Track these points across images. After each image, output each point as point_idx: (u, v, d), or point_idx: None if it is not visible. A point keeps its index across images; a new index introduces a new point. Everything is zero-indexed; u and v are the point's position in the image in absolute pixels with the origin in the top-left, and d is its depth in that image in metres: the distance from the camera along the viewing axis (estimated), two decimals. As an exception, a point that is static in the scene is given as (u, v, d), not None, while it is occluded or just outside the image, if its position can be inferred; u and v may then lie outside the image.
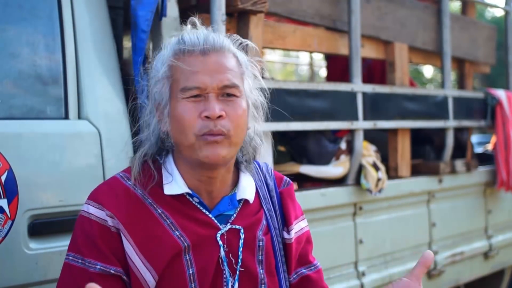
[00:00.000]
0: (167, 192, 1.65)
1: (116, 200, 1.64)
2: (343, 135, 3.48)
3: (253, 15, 2.86)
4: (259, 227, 1.72)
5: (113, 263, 1.61)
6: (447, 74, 4.20)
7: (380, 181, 3.41)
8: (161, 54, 1.68)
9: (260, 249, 1.70)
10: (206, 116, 1.57)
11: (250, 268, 1.68)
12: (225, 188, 1.71)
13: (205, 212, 1.67)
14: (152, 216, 1.64)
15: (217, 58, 1.61)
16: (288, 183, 1.85)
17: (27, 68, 2.23)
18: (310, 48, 3.53)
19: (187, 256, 1.62)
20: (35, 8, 2.29)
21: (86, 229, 1.64)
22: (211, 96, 1.58)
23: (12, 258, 2.05)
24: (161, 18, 2.55)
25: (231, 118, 1.59)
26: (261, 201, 1.77)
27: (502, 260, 4.66)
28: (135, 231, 1.62)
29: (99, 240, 1.61)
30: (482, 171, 4.51)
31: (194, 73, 1.58)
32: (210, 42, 1.61)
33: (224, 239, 1.66)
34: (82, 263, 1.61)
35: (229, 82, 1.60)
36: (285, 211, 1.80)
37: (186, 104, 1.59)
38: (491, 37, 4.83)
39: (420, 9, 4.08)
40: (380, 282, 3.52)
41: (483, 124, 4.56)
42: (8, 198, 2.02)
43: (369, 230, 3.48)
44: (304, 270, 1.82)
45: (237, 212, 1.71)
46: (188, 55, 1.60)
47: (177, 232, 1.63)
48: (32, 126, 2.18)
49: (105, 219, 1.62)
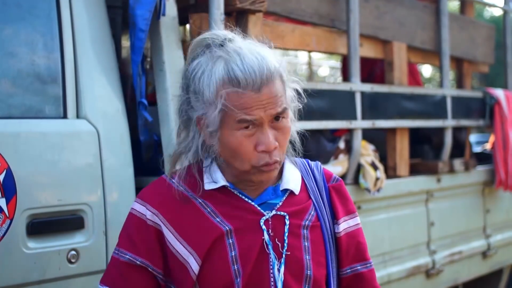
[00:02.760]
0: (207, 187, 1.70)
1: (160, 197, 1.72)
2: (342, 135, 3.48)
3: (252, 14, 2.86)
4: (306, 216, 1.74)
5: (141, 255, 1.68)
6: (446, 74, 4.20)
7: (379, 180, 3.42)
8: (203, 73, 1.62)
9: (305, 236, 1.72)
10: (263, 150, 1.61)
11: (296, 253, 1.70)
12: (269, 182, 1.74)
13: (247, 201, 1.71)
14: (194, 205, 1.69)
15: (270, 90, 1.59)
16: (337, 179, 1.87)
17: (26, 67, 2.23)
18: (308, 47, 3.53)
19: (230, 240, 1.66)
20: (34, 7, 2.29)
21: (127, 223, 1.74)
22: (265, 126, 1.61)
23: (11, 257, 2.05)
24: (159, 17, 2.54)
25: (281, 145, 1.65)
26: (309, 193, 1.79)
27: (501, 260, 4.67)
28: (176, 220, 1.68)
29: (133, 232, 1.70)
30: (481, 171, 4.52)
31: (249, 107, 1.58)
32: (264, 79, 1.58)
33: (268, 224, 1.69)
34: (117, 253, 1.72)
35: (280, 109, 1.62)
36: (334, 206, 1.82)
37: (240, 138, 1.60)
38: (490, 36, 4.83)
39: (419, 9, 4.09)
40: (378, 281, 3.48)
41: (481, 124, 4.56)
42: (6, 197, 2.02)
43: (368, 229, 3.46)
44: (360, 267, 1.87)
45: (283, 201, 1.73)
46: (242, 93, 1.57)
47: (217, 219, 1.68)
48: (30, 125, 2.18)
49: (143, 213, 1.70)
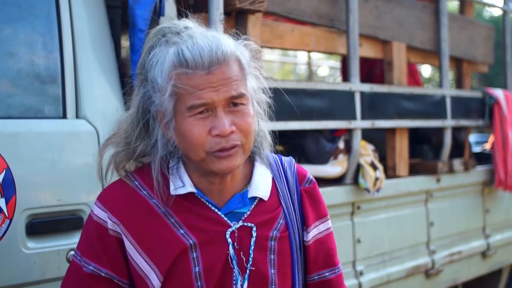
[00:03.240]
0: (173, 193, 1.63)
1: (119, 201, 1.64)
2: (341, 135, 3.48)
3: (251, 15, 2.86)
4: (274, 225, 1.67)
5: (105, 266, 1.62)
6: (445, 74, 4.20)
7: (378, 180, 3.42)
8: (157, 61, 1.59)
9: (272, 248, 1.65)
10: (217, 134, 1.54)
11: (261, 267, 1.63)
12: (236, 185, 1.67)
13: (214, 210, 1.63)
14: (157, 215, 1.62)
15: (222, 72, 1.54)
16: (310, 181, 1.79)
17: (25, 67, 2.23)
18: (308, 47, 3.53)
19: (194, 254, 1.60)
20: (33, 7, 2.28)
21: (87, 229, 1.67)
22: (219, 110, 1.54)
23: (10, 257, 2.05)
24: (159, 17, 2.54)
25: (241, 129, 1.56)
26: (279, 198, 1.71)
27: (500, 260, 4.67)
28: (138, 232, 1.61)
29: (96, 241, 1.63)
30: (480, 171, 4.52)
31: (200, 90, 1.53)
32: (214, 59, 1.54)
33: (234, 237, 1.62)
34: (79, 261, 1.65)
35: (236, 93, 1.56)
36: (304, 212, 1.73)
37: (193, 122, 1.54)
38: (489, 36, 4.83)
39: (418, 9, 4.09)
40: (378, 281, 3.52)
41: (481, 124, 4.57)
42: (6, 198, 2.02)
43: (367, 229, 3.48)
44: (328, 273, 1.76)
45: (251, 210, 1.66)
46: (192, 75, 1.53)
47: (181, 231, 1.60)
48: (30, 125, 2.18)
49: (105, 220, 1.63)
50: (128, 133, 1.67)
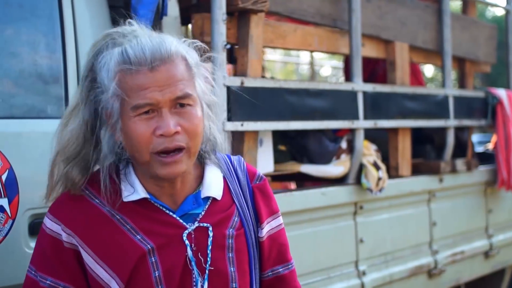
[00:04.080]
0: (125, 199, 1.62)
1: (72, 212, 1.62)
2: (344, 134, 3.48)
3: (254, 14, 2.86)
4: (230, 223, 1.68)
5: (63, 279, 1.59)
6: (448, 74, 4.20)
7: (381, 180, 3.41)
8: (105, 63, 1.58)
9: (230, 246, 1.66)
10: (161, 134, 1.53)
11: (220, 266, 1.64)
12: (188, 187, 1.67)
13: (168, 213, 1.63)
14: (111, 223, 1.60)
15: (167, 70, 1.53)
16: (261, 178, 1.79)
17: (28, 67, 2.24)
18: (310, 47, 3.54)
19: (152, 258, 1.59)
20: (36, 7, 2.29)
21: (41, 242, 1.64)
22: (164, 111, 1.53)
23: (13, 257, 2.05)
24: (161, 17, 2.55)
25: (188, 131, 1.55)
26: (232, 196, 1.72)
27: (503, 260, 4.67)
28: (94, 241, 1.60)
29: (51, 254, 1.60)
30: (483, 171, 4.51)
31: (144, 89, 1.52)
32: (157, 56, 1.53)
33: (191, 238, 1.62)
34: (35, 275, 1.61)
35: (181, 93, 1.54)
36: (257, 208, 1.74)
37: (138, 122, 1.53)
38: (492, 36, 4.83)
39: (421, 8, 4.08)
40: (380, 281, 3.52)
41: (483, 124, 4.56)
42: (8, 197, 2.03)
43: (370, 229, 3.48)
44: (281, 269, 1.78)
45: (206, 210, 1.66)
46: (135, 73, 1.53)
47: (138, 236, 1.59)
48: (32, 125, 2.18)
49: (59, 233, 1.61)
50: (79, 143, 1.63)
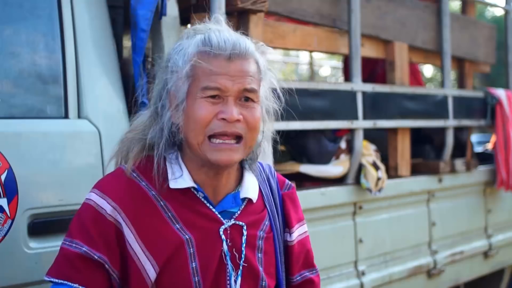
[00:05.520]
0: (172, 186, 1.67)
1: (120, 190, 1.66)
2: (343, 135, 3.48)
3: (253, 14, 2.86)
4: (261, 226, 1.75)
5: (99, 250, 1.62)
6: (447, 74, 4.20)
7: (380, 180, 3.42)
8: (181, 49, 1.66)
9: (259, 247, 1.73)
10: (223, 118, 1.60)
11: (252, 264, 1.70)
12: (230, 185, 1.74)
13: (209, 207, 1.69)
14: (155, 208, 1.66)
15: (241, 64, 1.62)
16: (290, 186, 1.89)
17: (27, 67, 2.24)
18: (310, 47, 3.54)
19: (190, 249, 1.64)
20: (35, 7, 2.29)
21: (82, 214, 1.67)
22: (230, 99, 1.61)
23: (12, 257, 2.05)
24: (160, 17, 2.55)
25: (248, 122, 1.63)
26: (264, 201, 1.79)
27: (502, 260, 4.67)
28: (137, 221, 1.64)
29: (90, 224, 1.64)
30: (482, 171, 4.51)
31: (217, 75, 1.60)
32: (237, 48, 1.62)
33: (227, 234, 1.69)
34: (69, 244, 1.64)
35: (249, 87, 1.63)
36: (287, 214, 1.83)
37: (203, 103, 1.61)
38: (491, 36, 4.83)
39: (420, 9, 4.09)
40: (380, 281, 3.52)
41: (483, 124, 4.56)
42: (8, 198, 2.03)
43: (369, 229, 3.48)
44: (308, 273, 1.87)
45: (241, 210, 1.73)
46: (213, 58, 1.61)
47: (177, 225, 1.65)
48: (32, 125, 2.18)
49: (104, 207, 1.64)
50: (146, 124, 1.73)
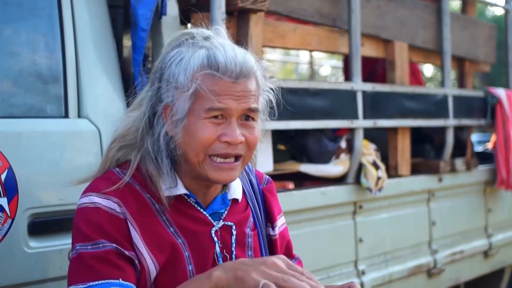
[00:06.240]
0: (166, 193, 1.66)
1: (119, 190, 1.64)
2: (343, 134, 3.48)
3: (253, 14, 2.86)
4: (247, 223, 1.79)
5: (126, 247, 1.59)
6: (447, 73, 4.20)
7: (380, 179, 3.42)
8: (182, 60, 1.62)
9: (249, 245, 1.77)
10: (226, 141, 1.60)
11: None
12: (218, 187, 1.77)
13: (200, 211, 1.72)
14: (151, 210, 1.66)
15: (246, 84, 1.61)
16: (268, 181, 1.93)
17: (27, 67, 2.23)
18: (310, 46, 3.53)
19: (186, 252, 1.66)
20: (35, 7, 2.29)
21: (93, 218, 1.59)
22: (233, 119, 1.61)
23: (12, 256, 2.05)
24: (161, 16, 2.55)
25: (248, 142, 1.64)
26: (247, 199, 1.83)
27: (502, 259, 4.67)
28: (139, 220, 1.63)
29: (108, 227, 1.58)
30: (482, 170, 4.52)
31: (222, 95, 1.59)
32: (244, 71, 1.60)
33: (218, 235, 1.72)
34: (92, 248, 1.56)
35: (253, 106, 1.63)
36: (269, 208, 1.87)
37: (207, 124, 1.60)
38: (491, 36, 4.83)
39: (420, 8, 4.08)
40: (380, 280, 3.52)
41: (483, 123, 4.56)
42: (8, 197, 2.02)
43: (369, 228, 3.49)
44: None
45: (228, 210, 1.77)
46: (218, 79, 1.59)
47: (171, 229, 1.66)
48: (32, 124, 2.18)
49: (112, 207, 1.60)
50: (138, 133, 1.71)
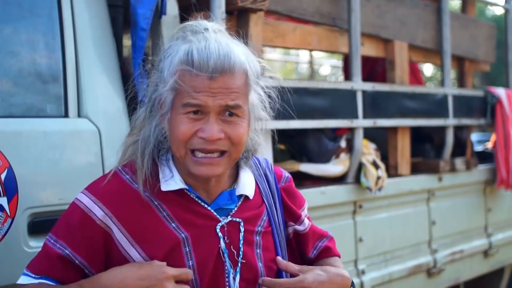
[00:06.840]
0: (164, 188, 1.66)
1: (112, 194, 1.65)
2: (343, 133, 3.48)
3: (253, 13, 2.86)
4: (259, 222, 1.74)
5: (82, 254, 1.62)
6: (447, 73, 4.20)
7: (380, 179, 3.42)
8: (170, 54, 1.63)
9: (257, 243, 1.72)
10: (201, 137, 1.58)
11: (250, 260, 1.69)
12: (223, 184, 1.73)
13: (203, 205, 1.69)
14: (149, 208, 1.65)
15: (223, 81, 1.57)
16: (287, 179, 1.88)
17: (27, 66, 2.23)
18: (310, 46, 3.54)
19: (186, 248, 1.64)
20: (35, 6, 2.29)
21: (69, 214, 1.67)
22: (212, 115, 1.58)
23: (12, 256, 2.05)
24: (160, 16, 2.54)
25: (231, 138, 1.60)
26: (262, 196, 1.78)
27: (502, 259, 4.67)
28: (131, 223, 1.63)
29: (77, 227, 1.63)
30: (482, 169, 4.52)
31: (198, 92, 1.57)
32: (219, 68, 1.56)
33: (224, 231, 1.68)
34: (54, 243, 1.64)
35: (232, 103, 1.59)
36: (289, 207, 1.83)
37: (184, 119, 1.59)
38: (491, 35, 4.83)
39: (420, 8, 4.08)
40: (380, 280, 3.52)
41: (483, 123, 4.56)
42: (8, 196, 2.03)
43: (369, 228, 3.48)
44: (320, 243, 1.90)
45: (238, 206, 1.73)
46: (194, 75, 1.57)
47: (173, 224, 1.64)
48: (32, 124, 2.18)
49: (94, 212, 1.63)
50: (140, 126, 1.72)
